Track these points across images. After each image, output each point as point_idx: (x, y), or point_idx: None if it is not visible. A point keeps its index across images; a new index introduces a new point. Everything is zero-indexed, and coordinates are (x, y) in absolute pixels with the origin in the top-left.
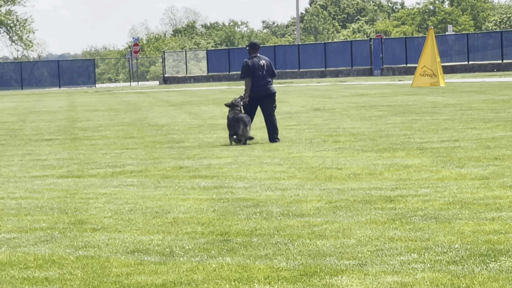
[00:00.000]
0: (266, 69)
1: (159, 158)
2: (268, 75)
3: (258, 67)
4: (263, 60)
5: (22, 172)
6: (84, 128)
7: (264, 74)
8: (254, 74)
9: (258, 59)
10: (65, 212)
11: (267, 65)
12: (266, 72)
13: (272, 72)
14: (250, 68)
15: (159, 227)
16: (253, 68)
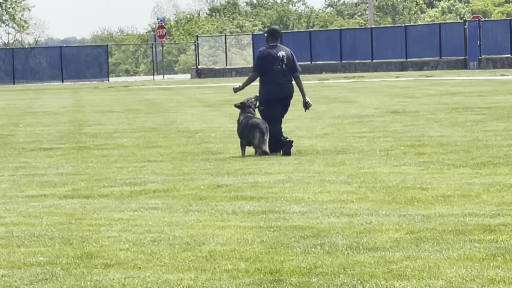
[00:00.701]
0: (286, 63)
1: (191, 173)
2: (288, 71)
3: (275, 59)
4: (283, 51)
5: (13, 190)
6: (94, 134)
7: (283, 69)
8: (271, 69)
9: (278, 49)
10: (69, 242)
11: (287, 57)
12: (286, 67)
13: (294, 67)
14: (264, 61)
15: (190, 262)
16: (268, 60)
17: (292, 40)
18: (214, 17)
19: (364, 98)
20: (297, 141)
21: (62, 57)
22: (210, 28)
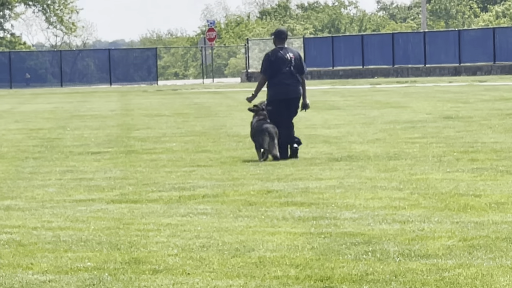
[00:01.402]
0: (295, 64)
1: (240, 178)
2: (296, 72)
3: (283, 61)
4: (290, 53)
5: (61, 194)
6: (142, 138)
7: (292, 71)
8: (279, 71)
9: (285, 51)
10: (117, 247)
11: (295, 59)
12: (294, 68)
13: (301, 68)
14: (273, 63)
15: (239, 269)
16: (276, 62)
17: (344, 44)
18: (265, 20)
19: (416, 103)
20: (348, 146)
21: (110, 59)
22: (260, 31)
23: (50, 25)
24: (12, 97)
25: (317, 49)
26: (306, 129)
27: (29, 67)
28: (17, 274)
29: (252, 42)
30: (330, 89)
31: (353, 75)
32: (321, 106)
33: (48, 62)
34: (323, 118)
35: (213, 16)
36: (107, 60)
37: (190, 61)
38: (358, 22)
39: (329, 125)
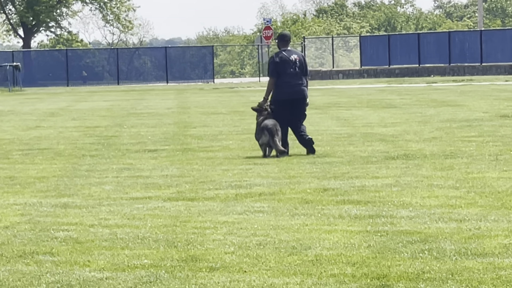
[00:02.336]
0: (299, 66)
1: (297, 176)
2: (301, 73)
3: (288, 63)
4: (295, 55)
5: (118, 192)
6: (199, 136)
7: (296, 72)
8: (284, 72)
9: (289, 53)
10: (174, 245)
11: (299, 60)
12: (298, 69)
13: (306, 70)
14: (278, 65)
15: (296, 266)
16: (281, 64)
17: (400, 42)
18: (321, 18)
19: (473, 101)
20: (404, 144)
21: (167, 57)
22: (316, 29)
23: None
24: (69, 95)
25: (374, 48)
26: (363, 128)
27: (86, 65)
28: (74, 271)
29: (308, 41)
30: (386, 88)
31: (409, 74)
32: (377, 104)
33: (105, 60)
34: (379, 117)
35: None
36: (163, 58)
37: (246, 59)
38: (415, 20)
39: (385, 124)
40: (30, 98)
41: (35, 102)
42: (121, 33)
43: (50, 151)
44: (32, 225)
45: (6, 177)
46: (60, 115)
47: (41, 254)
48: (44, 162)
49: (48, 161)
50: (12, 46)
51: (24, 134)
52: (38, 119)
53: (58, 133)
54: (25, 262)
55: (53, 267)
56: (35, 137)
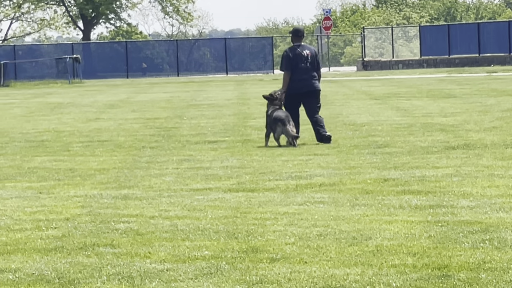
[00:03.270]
0: (311, 61)
1: (357, 167)
2: (312, 68)
3: (300, 58)
4: (307, 50)
5: (178, 183)
6: (259, 127)
7: (308, 67)
8: (296, 66)
9: (302, 48)
10: (235, 236)
11: (311, 55)
12: (310, 64)
13: (317, 65)
14: (291, 60)
15: (356, 257)
16: (294, 59)
17: (460, 32)
18: (381, 8)
19: None
20: (465, 134)
21: (226, 49)
22: (376, 19)
23: (166, 15)
24: (129, 87)
25: (433, 38)
26: (423, 117)
27: (145, 56)
28: (135, 263)
29: (368, 31)
30: (446, 78)
31: (469, 63)
32: (437, 94)
33: (164, 52)
34: (439, 107)
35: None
36: (223, 49)
37: None
38: (474, 10)
39: (445, 114)
40: (90, 90)
41: (95, 94)
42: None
43: (110, 143)
44: (92, 217)
45: (67, 169)
46: (120, 107)
47: (101, 246)
48: (104, 154)
49: (108, 153)
50: (71, 38)
51: (84, 126)
52: (98, 111)
53: (118, 125)
54: (86, 254)
55: (114, 259)
56: (95, 129)
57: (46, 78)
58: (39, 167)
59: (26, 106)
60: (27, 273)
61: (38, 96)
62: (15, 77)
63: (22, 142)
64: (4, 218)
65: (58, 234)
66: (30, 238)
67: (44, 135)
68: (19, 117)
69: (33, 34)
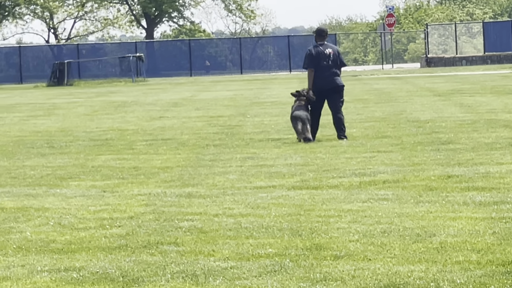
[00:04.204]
0: (333, 59)
1: (421, 164)
2: (334, 66)
3: (323, 56)
4: (329, 48)
5: (242, 181)
6: (322, 124)
7: (330, 65)
8: (319, 64)
9: (324, 47)
10: (298, 234)
11: (334, 54)
12: (332, 62)
13: (341, 62)
14: (314, 58)
15: (421, 254)
16: (317, 57)
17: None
18: (444, 4)
19: None
20: None
21: (289, 46)
22: (439, 16)
23: (229, 13)
24: (192, 85)
25: (497, 33)
26: (487, 114)
27: (208, 54)
28: (199, 261)
29: (431, 27)
30: (510, 74)
31: None
32: (501, 90)
33: (227, 50)
34: (503, 103)
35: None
36: (286, 47)
37: (369, 46)
38: None
39: (509, 110)
40: (153, 89)
41: (158, 92)
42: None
43: (174, 141)
44: (156, 215)
45: (131, 168)
46: (183, 105)
47: (165, 244)
48: (168, 152)
49: (172, 151)
50: (135, 37)
51: (148, 124)
52: (162, 109)
53: (182, 123)
54: (150, 252)
55: (178, 257)
56: (158, 127)
57: (109, 76)
58: (103, 165)
59: (90, 105)
60: (91, 271)
61: (102, 94)
62: (78, 76)
63: (86, 140)
64: (68, 217)
65: (122, 232)
66: (94, 237)
67: (108, 133)
68: (83, 116)
69: (97, 33)
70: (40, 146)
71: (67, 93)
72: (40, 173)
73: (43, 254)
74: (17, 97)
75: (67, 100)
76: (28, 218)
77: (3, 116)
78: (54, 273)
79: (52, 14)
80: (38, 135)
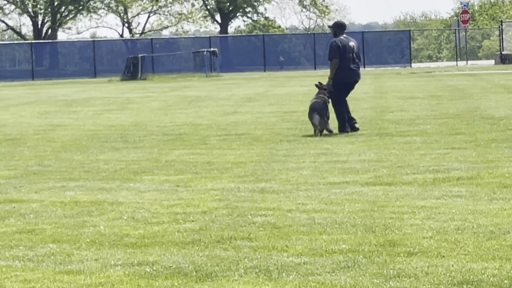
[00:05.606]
0: (356, 52)
1: (495, 161)
2: (357, 58)
3: (348, 48)
4: (352, 41)
5: (315, 177)
6: (396, 120)
7: (353, 57)
8: (344, 56)
9: (347, 40)
10: (372, 230)
11: (356, 47)
12: (355, 55)
13: (359, 56)
14: (340, 49)
15: (495, 251)
16: (343, 49)
17: None
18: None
19: None
20: None
21: (364, 43)
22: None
23: (304, 8)
24: (266, 80)
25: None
26: None
27: (282, 50)
28: (272, 256)
29: (506, 24)
30: None
31: None
32: None
33: (301, 45)
34: None
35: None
36: (360, 43)
37: (443, 43)
38: None
39: None
40: (227, 84)
41: (232, 87)
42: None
43: (248, 136)
44: (230, 210)
45: (204, 163)
46: (257, 100)
47: (239, 239)
48: (242, 147)
49: (246, 146)
50: (209, 31)
51: (222, 119)
52: (235, 104)
53: (256, 118)
54: (223, 247)
55: (251, 252)
56: (232, 122)
57: (183, 71)
58: (177, 160)
59: (164, 100)
60: (164, 266)
61: (176, 89)
62: (152, 71)
63: (160, 135)
64: (142, 211)
65: (196, 227)
66: (168, 231)
67: (181, 128)
68: (157, 111)
69: (171, 28)
70: (114, 140)
71: (140, 88)
72: (114, 167)
73: (117, 248)
74: (91, 91)
75: (141, 94)
76: (102, 212)
77: (77, 110)
78: (128, 267)
79: (127, 9)
80: (111, 129)
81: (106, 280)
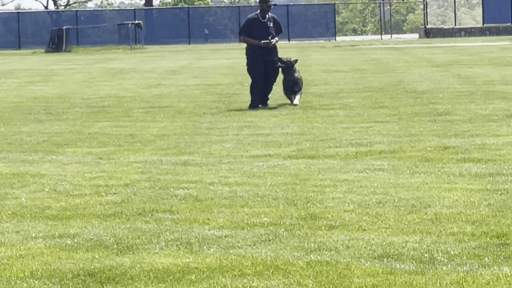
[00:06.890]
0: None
1: (418, 134)
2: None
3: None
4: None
5: (238, 150)
6: (319, 94)
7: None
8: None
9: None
10: (294, 203)
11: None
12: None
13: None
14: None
15: (415, 225)
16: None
17: None
18: None
19: None
20: None
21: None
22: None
23: None
24: (191, 53)
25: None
26: (484, 85)
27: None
28: (194, 229)
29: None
30: (508, 45)
31: None
32: (499, 62)
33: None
34: (501, 75)
35: None
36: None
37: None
38: None
39: (507, 81)
40: (151, 56)
41: (156, 60)
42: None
43: (171, 109)
44: (152, 183)
45: (127, 135)
46: (181, 73)
47: (160, 212)
48: (165, 120)
49: (169, 119)
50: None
51: (145, 92)
52: (159, 77)
53: (179, 91)
54: (144, 220)
55: (173, 225)
56: (156, 95)
57: (108, 43)
58: (100, 132)
59: (88, 72)
60: (85, 238)
61: (100, 61)
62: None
63: (83, 107)
64: (64, 184)
65: (117, 200)
66: (89, 204)
67: (105, 100)
68: (81, 83)
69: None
70: (37, 112)
71: (65, 60)
72: (37, 139)
73: (38, 221)
74: (15, 63)
75: (65, 66)
76: (24, 184)
77: (1, 82)
78: (49, 240)
79: None
80: (35, 101)
81: (27, 252)
